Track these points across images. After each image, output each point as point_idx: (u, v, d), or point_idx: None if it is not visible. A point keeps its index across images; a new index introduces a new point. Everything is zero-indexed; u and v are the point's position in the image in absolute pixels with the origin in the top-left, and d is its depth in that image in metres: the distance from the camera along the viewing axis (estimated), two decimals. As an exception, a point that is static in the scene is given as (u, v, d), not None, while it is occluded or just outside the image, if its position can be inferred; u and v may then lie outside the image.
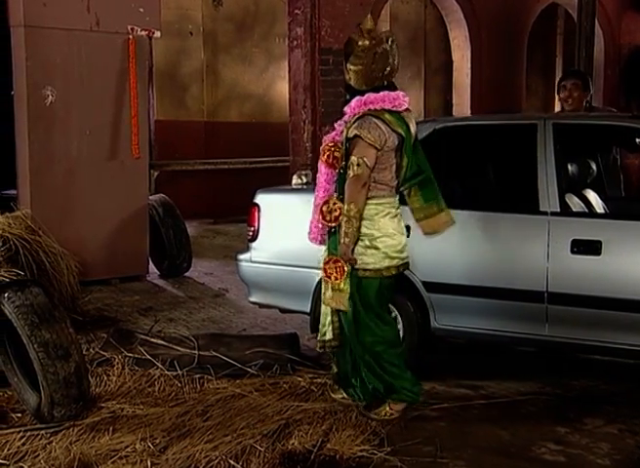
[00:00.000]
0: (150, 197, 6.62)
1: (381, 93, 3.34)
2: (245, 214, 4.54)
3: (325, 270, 3.35)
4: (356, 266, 3.29)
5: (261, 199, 4.45)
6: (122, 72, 6.06)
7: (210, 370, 3.90)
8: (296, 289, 4.27)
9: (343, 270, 3.27)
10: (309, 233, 3.50)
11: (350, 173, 3.22)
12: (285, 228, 4.40)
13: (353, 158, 3.23)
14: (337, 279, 3.30)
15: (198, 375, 3.88)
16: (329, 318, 3.44)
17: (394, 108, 3.35)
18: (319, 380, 3.82)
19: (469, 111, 9.40)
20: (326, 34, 7.42)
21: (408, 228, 3.91)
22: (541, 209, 3.72)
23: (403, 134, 3.34)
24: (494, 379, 3.93)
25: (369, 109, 3.30)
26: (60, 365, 3.24)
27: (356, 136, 3.25)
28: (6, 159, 5.95)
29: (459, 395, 3.75)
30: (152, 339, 4.16)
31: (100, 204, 6.03)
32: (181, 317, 5.25)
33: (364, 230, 3.30)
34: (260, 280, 4.45)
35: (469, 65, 9.43)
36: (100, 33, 5.94)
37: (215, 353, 3.97)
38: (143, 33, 6.17)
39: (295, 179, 4.73)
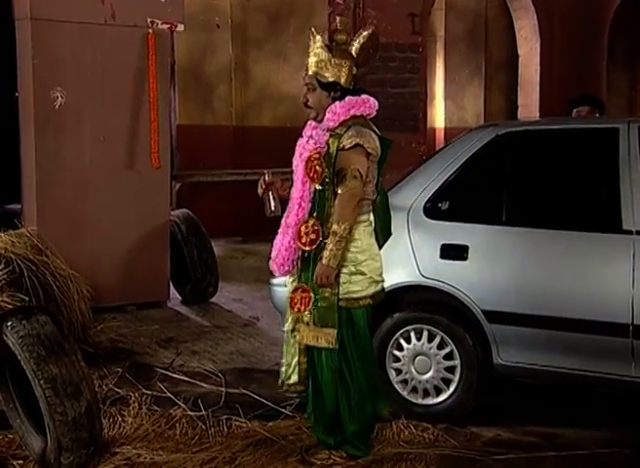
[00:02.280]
0: (172, 212, 6.67)
1: (363, 96, 3.41)
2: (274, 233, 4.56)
3: (291, 299, 3.40)
4: (341, 296, 3.31)
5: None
6: (140, 71, 6.14)
7: (239, 411, 3.91)
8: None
9: (309, 301, 3.32)
10: (275, 258, 3.48)
11: (343, 187, 3.24)
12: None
13: (349, 170, 3.25)
14: (299, 310, 3.36)
15: (225, 416, 3.88)
16: (295, 358, 3.45)
17: (369, 116, 3.43)
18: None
19: (538, 113, 9.31)
20: (372, 26, 7.45)
21: (465, 249, 3.92)
22: (625, 227, 3.69)
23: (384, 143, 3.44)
24: (568, 427, 3.87)
25: (352, 115, 3.36)
26: (70, 404, 3.26)
27: (357, 145, 3.28)
28: (9, 169, 6.05)
29: (526, 444, 3.70)
30: (173, 375, 4.19)
31: (115, 220, 6.10)
32: (207, 349, 5.27)
33: (348, 255, 3.34)
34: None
35: (538, 60, 9.35)
36: (117, 27, 6.03)
37: (244, 391, 4.01)
38: (165, 27, 6.25)
39: None
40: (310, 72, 3.41)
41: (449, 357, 4.01)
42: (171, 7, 6.25)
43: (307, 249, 3.29)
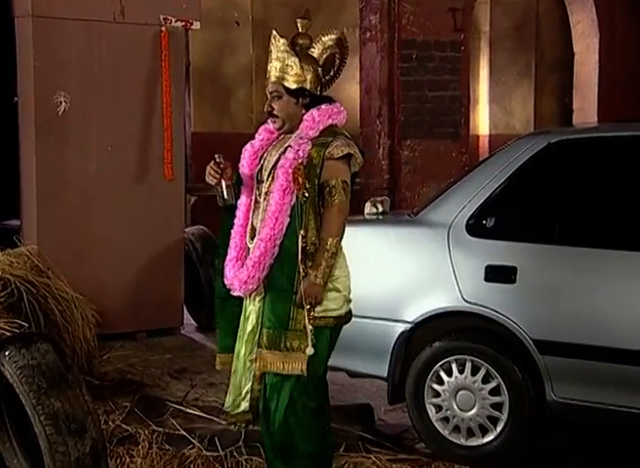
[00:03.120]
0: (186, 229, 6.72)
1: (337, 104, 3.46)
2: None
3: None
4: (317, 314, 3.33)
5: None
6: (152, 73, 6.21)
7: (260, 451, 3.85)
8: (369, 346, 4.30)
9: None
10: (238, 274, 3.43)
11: (335, 199, 3.30)
12: (356, 270, 4.32)
13: (337, 182, 3.31)
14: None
15: (245, 457, 3.88)
16: (247, 386, 3.45)
17: (342, 126, 3.47)
18: (399, 466, 3.79)
19: (596, 118, 9.24)
20: (408, 23, 7.45)
21: (513, 271, 3.91)
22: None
23: None
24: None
25: (331, 124, 3.39)
26: (73, 442, 3.25)
27: (347, 155, 3.34)
28: (8, 182, 6.11)
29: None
30: (187, 410, 4.19)
31: (123, 237, 6.14)
32: (224, 381, 5.17)
33: None
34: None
35: (597, 58, 9.27)
36: (126, 25, 6.10)
37: (265, 429, 3.96)
38: (179, 24, 6.32)
39: (368, 208, 4.78)
40: (274, 78, 3.42)
41: (495, 392, 3.98)
42: (186, 3, 6.33)
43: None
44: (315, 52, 3.49)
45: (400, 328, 4.19)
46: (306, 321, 3.27)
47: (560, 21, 10.79)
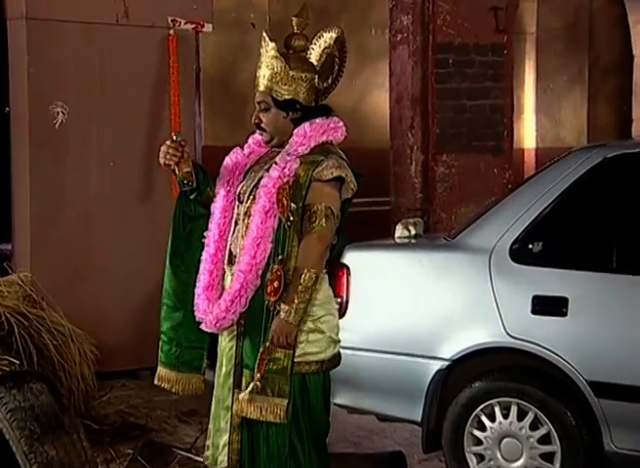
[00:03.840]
0: (196, 254, 6.75)
1: (333, 118, 3.44)
2: (329, 280, 4.59)
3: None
4: (295, 359, 3.31)
5: (352, 258, 4.53)
6: (159, 81, 6.24)
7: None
8: (401, 387, 4.30)
9: (263, 364, 3.27)
10: (209, 309, 3.41)
11: (315, 226, 3.27)
12: (385, 300, 4.47)
13: (320, 207, 3.28)
14: (253, 378, 3.30)
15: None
16: (225, 437, 3.42)
17: (338, 143, 3.45)
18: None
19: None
20: (444, 24, 7.44)
21: (564, 302, 3.88)
22: None
23: None
24: None
25: (325, 141, 3.37)
26: (69, 494, 3.27)
27: (338, 178, 3.32)
28: (-4, 201, 6.18)
29: None
30: (196, 457, 4.19)
31: (126, 264, 6.13)
32: (237, 426, 5.25)
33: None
34: (349, 373, 4.41)
35: (659, 61, 9.26)
36: (130, 27, 6.13)
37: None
38: (189, 27, 6.36)
39: (399, 230, 4.80)
40: (262, 88, 3.41)
41: (545, 440, 3.95)
42: (197, 3, 6.36)
43: (272, 299, 3.27)
44: (312, 54, 3.48)
45: (436, 365, 4.18)
46: (257, 361, 3.24)
47: (617, 20, 10.76)
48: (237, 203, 3.44)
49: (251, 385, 3.26)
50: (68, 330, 5.16)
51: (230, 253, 3.43)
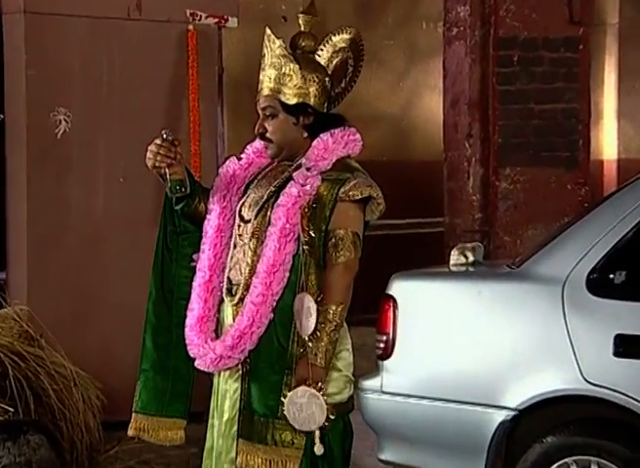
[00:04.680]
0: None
1: (351, 128, 3.47)
2: (371, 313, 4.63)
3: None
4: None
5: (399, 289, 4.55)
6: (176, 83, 6.29)
7: None
8: (459, 441, 4.30)
9: None
10: (230, 353, 3.39)
11: (341, 256, 3.31)
12: (439, 338, 4.48)
13: (347, 232, 3.33)
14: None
15: None
16: None
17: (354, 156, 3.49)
18: None
19: None
20: (508, 15, 7.40)
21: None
22: None
23: None
24: None
25: (346, 156, 3.41)
26: None
27: (368, 198, 3.37)
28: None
29: None
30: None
31: (138, 296, 5.94)
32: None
33: None
34: (397, 424, 4.49)
35: None
36: (143, 23, 6.19)
37: None
38: (211, 21, 6.40)
39: (455, 256, 4.80)
40: (267, 91, 3.43)
41: (630, 507, 3.93)
42: (219, -6, 6.45)
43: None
44: (322, 56, 3.51)
45: (499, 416, 4.16)
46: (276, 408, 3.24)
47: None
48: (238, 222, 3.45)
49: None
50: (71, 372, 5.18)
51: (230, 280, 3.44)
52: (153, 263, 3.61)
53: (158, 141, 3.40)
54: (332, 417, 3.28)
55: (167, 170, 3.39)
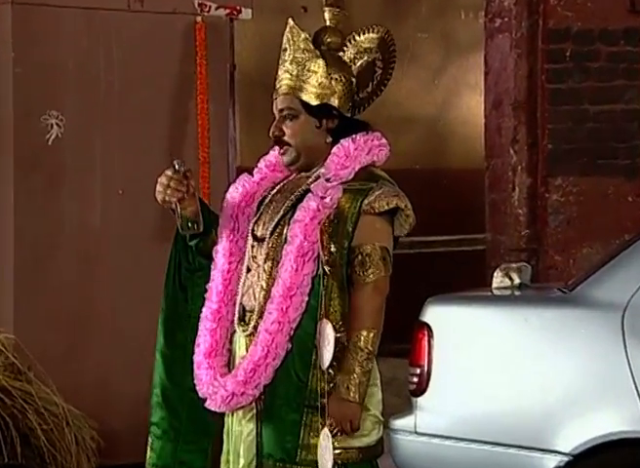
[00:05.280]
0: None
1: (375, 133, 3.48)
2: (403, 343, 4.65)
3: None
4: (336, 445, 3.31)
5: (435, 316, 4.57)
6: (182, 82, 6.30)
7: None
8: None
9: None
10: (244, 389, 3.39)
11: (370, 274, 3.33)
12: (480, 371, 4.49)
13: (375, 248, 3.35)
14: None
15: None
16: None
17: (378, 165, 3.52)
18: None
19: None
20: (559, 3, 7.38)
21: None
22: None
23: None
24: None
25: (370, 164, 3.43)
26: None
27: (397, 209, 3.39)
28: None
29: None
30: None
31: (139, 323, 6.03)
32: None
33: None
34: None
35: None
36: (146, 15, 6.19)
37: None
38: (222, 13, 6.41)
39: (499, 278, 4.81)
40: (286, 89, 3.45)
41: None
42: (231, -19, 6.46)
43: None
44: (344, 57, 3.53)
45: (551, 462, 4.17)
46: (330, 455, 3.24)
47: None
48: (251, 243, 3.45)
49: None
50: (62, 410, 5.19)
51: (243, 308, 3.44)
52: (164, 306, 3.64)
53: (169, 173, 3.40)
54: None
55: (178, 204, 3.38)
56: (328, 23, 3.53)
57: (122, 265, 6.14)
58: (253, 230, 3.45)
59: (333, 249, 3.31)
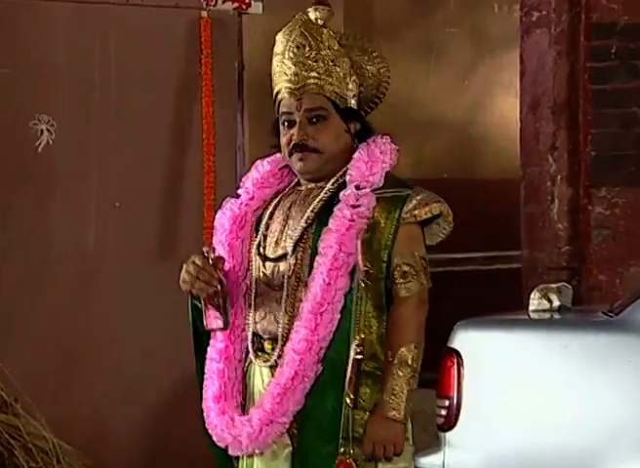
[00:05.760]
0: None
1: (385, 136, 3.58)
2: (430, 372, 4.49)
3: None
4: None
5: (465, 342, 4.56)
6: (186, 84, 6.36)
7: None
8: None
9: None
10: (271, 420, 3.41)
11: (413, 286, 3.44)
12: (516, 404, 4.45)
13: (415, 258, 3.46)
14: None
15: None
16: None
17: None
18: None
19: None
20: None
21: None
22: None
23: None
24: None
25: (392, 168, 3.53)
26: None
27: (440, 215, 3.50)
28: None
29: None
30: None
31: (136, 352, 6.17)
32: None
33: None
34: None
35: None
36: (146, 9, 6.24)
37: None
38: (229, 7, 6.46)
39: (536, 300, 4.82)
40: (315, 88, 3.48)
41: None
42: (240, -28, 6.48)
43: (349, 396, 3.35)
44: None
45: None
46: None
47: None
48: (259, 265, 3.48)
49: None
50: (53, 445, 5.21)
51: (259, 337, 3.46)
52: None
53: (199, 262, 3.40)
54: None
55: (206, 299, 3.40)
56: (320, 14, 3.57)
57: (119, 288, 6.19)
58: (259, 252, 3.47)
59: (369, 264, 3.36)
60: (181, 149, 6.31)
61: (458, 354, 4.47)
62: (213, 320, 3.43)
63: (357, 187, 3.40)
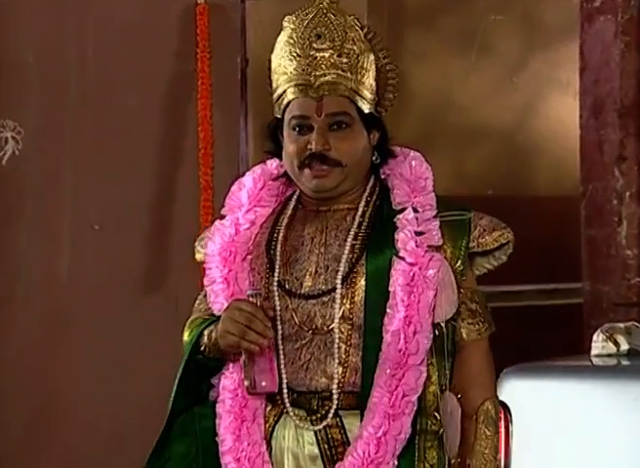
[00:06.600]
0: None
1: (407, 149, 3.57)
2: None
3: None
4: None
5: (513, 392, 4.58)
6: (179, 82, 6.42)
7: None
8: None
9: None
10: None
11: (483, 330, 3.45)
12: (573, 464, 4.55)
13: (480, 295, 3.49)
14: None
15: None
16: None
17: None
18: None
19: None
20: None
21: None
22: None
23: None
24: None
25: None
26: None
27: (507, 244, 3.51)
28: None
29: None
30: None
31: (118, 401, 6.19)
32: None
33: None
34: None
35: None
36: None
37: None
38: (229, -6, 6.48)
39: (600, 342, 4.88)
40: (344, 88, 3.45)
41: None
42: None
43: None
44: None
45: None
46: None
47: None
48: (288, 304, 3.38)
49: None
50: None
51: (296, 393, 3.37)
52: None
53: (249, 309, 3.30)
54: None
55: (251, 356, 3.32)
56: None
57: (97, 326, 6.22)
58: (280, 284, 3.39)
59: None
60: (173, 161, 6.32)
61: (505, 407, 4.41)
62: (262, 380, 3.33)
63: (415, 210, 3.42)
